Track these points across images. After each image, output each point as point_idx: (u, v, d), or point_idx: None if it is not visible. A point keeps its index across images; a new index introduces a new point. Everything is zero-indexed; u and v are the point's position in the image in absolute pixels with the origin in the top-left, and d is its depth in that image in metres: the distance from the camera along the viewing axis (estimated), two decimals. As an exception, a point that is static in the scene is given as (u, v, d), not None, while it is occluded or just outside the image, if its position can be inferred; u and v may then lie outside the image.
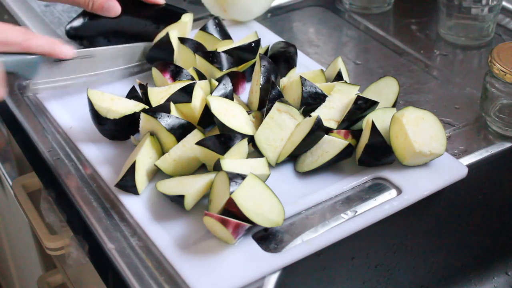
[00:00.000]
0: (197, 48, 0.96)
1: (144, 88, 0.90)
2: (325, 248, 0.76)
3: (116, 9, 1.01)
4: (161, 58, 0.98)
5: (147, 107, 0.88)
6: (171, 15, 1.03)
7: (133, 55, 1.02)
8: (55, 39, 0.94)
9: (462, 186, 0.84)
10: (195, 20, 1.09)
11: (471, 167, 0.86)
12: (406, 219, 0.84)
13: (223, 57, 0.94)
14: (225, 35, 1.01)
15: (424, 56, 1.09)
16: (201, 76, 0.93)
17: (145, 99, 0.89)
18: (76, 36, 1.05)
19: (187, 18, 1.02)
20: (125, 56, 1.01)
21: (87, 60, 0.98)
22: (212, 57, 0.94)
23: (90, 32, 1.04)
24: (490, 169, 0.91)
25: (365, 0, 1.20)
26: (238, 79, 0.95)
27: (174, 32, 0.99)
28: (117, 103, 0.87)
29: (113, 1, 1.01)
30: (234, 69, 0.95)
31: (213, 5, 1.12)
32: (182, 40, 0.96)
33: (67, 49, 0.94)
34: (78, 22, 1.03)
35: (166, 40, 0.98)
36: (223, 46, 0.98)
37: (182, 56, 0.96)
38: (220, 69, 0.93)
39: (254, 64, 0.96)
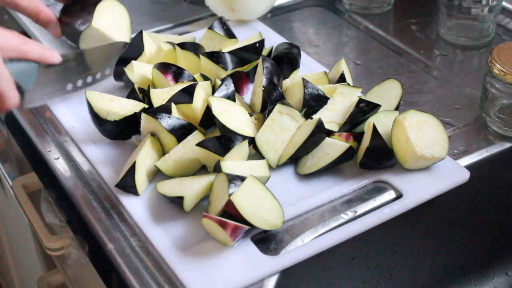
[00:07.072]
0: (197, 49, 0.96)
1: (144, 92, 0.90)
2: (325, 249, 0.76)
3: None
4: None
5: (146, 106, 0.88)
6: None
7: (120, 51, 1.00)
8: (42, 44, 0.90)
9: (462, 187, 0.84)
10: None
11: (471, 167, 0.86)
12: (406, 220, 0.84)
13: (228, 57, 0.94)
14: (231, 34, 1.01)
15: (424, 56, 1.09)
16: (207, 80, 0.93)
17: (147, 101, 0.89)
18: None
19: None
20: (112, 52, 0.99)
21: (79, 62, 0.96)
22: (216, 57, 0.93)
23: None
24: (490, 169, 0.91)
25: (365, 0, 1.20)
26: (242, 79, 0.95)
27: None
28: (116, 104, 0.87)
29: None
30: (239, 69, 0.95)
31: (219, 5, 1.11)
32: (181, 46, 0.96)
33: (56, 54, 0.91)
34: None
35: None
36: (227, 46, 0.98)
37: (183, 60, 0.96)
38: (225, 69, 0.93)
39: (257, 65, 0.96)
